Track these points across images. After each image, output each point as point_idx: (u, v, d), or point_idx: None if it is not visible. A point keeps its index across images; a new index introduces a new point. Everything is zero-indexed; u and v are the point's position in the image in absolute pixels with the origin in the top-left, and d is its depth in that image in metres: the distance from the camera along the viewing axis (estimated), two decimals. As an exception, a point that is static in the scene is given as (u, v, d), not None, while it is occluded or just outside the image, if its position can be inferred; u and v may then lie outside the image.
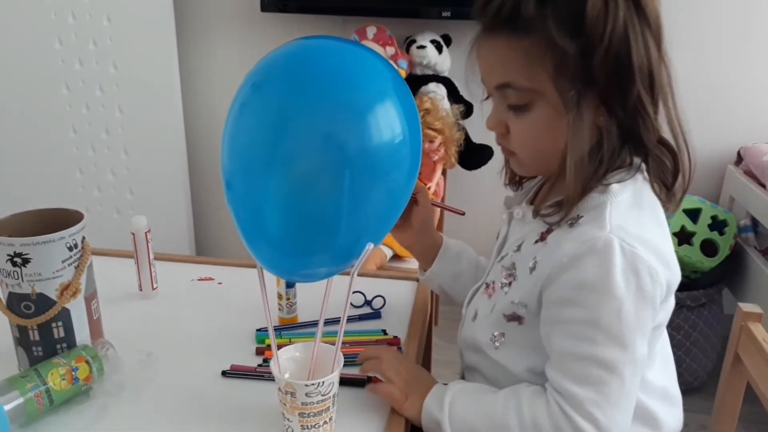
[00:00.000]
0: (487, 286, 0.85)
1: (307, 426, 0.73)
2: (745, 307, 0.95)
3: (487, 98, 0.80)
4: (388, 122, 0.70)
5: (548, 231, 0.76)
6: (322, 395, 0.73)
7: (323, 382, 0.72)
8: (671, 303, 0.76)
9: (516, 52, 0.71)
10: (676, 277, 0.73)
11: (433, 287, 1.05)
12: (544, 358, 0.75)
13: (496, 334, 0.81)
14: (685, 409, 0.85)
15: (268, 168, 0.69)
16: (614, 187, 0.72)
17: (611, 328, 0.68)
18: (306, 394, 0.72)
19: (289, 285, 1.00)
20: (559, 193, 0.74)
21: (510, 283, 0.79)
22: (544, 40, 0.68)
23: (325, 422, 0.74)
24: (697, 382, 1.93)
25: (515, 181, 0.91)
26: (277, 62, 0.72)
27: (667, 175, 0.75)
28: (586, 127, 0.69)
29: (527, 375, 0.78)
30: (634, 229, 0.69)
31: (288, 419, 0.74)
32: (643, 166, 0.75)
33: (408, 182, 0.75)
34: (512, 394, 0.76)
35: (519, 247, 0.81)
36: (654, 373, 0.80)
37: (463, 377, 0.93)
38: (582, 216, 0.72)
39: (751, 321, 0.93)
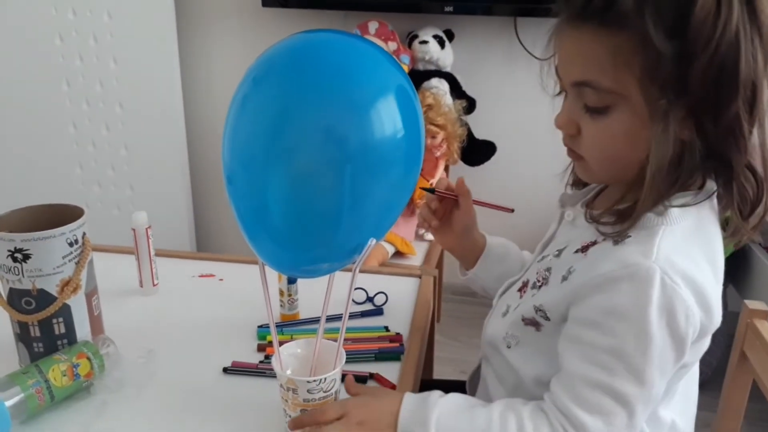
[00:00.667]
0: (524, 284, 0.81)
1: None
2: (751, 304, 0.94)
3: (560, 93, 0.74)
4: (390, 118, 0.69)
5: (593, 243, 0.71)
6: (324, 392, 0.72)
7: (325, 379, 0.72)
8: (705, 344, 0.71)
9: (603, 49, 0.63)
10: (713, 322, 0.67)
11: (475, 288, 0.99)
12: (554, 369, 0.71)
13: (510, 333, 0.78)
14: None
15: (269, 162, 0.68)
16: (674, 211, 0.66)
17: (634, 362, 0.64)
18: (308, 391, 0.71)
19: (291, 281, 0.99)
20: (623, 202, 0.68)
21: (540, 287, 0.75)
22: (638, 39, 0.61)
23: None
24: (701, 378, 1.92)
25: (580, 185, 0.84)
26: (278, 56, 0.71)
27: (746, 204, 0.67)
28: (672, 140, 0.63)
29: (533, 382, 0.75)
30: (682, 264, 0.63)
31: (290, 416, 0.74)
32: (714, 192, 0.68)
33: (409, 177, 0.74)
34: (510, 408, 0.70)
35: (560, 253, 0.76)
36: (669, 410, 0.76)
37: (479, 368, 0.91)
38: (630, 236, 0.66)
39: (757, 318, 0.93)
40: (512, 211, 0.94)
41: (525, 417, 0.69)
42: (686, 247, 0.65)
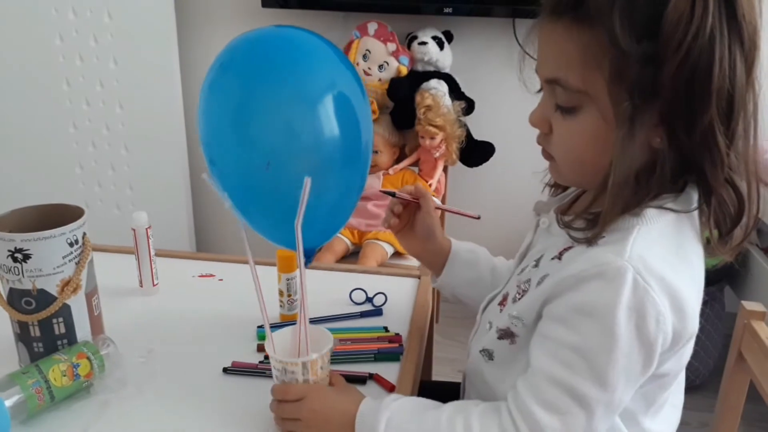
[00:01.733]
0: (504, 298, 0.79)
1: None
2: (749, 305, 0.94)
3: (540, 91, 0.71)
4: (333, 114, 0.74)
5: (567, 248, 0.69)
6: (318, 373, 0.72)
7: (288, 364, 0.73)
8: (687, 352, 0.68)
9: (573, 45, 0.61)
10: (688, 328, 0.64)
11: (446, 294, 0.99)
12: None
13: (485, 348, 0.76)
14: (687, 408, 0.84)
15: (237, 147, 0.76)
16: (650, 211, 0.64)
17: (598, 363, 0.61)
18: (292, 373, 0.72)
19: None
20: (594, 207, 0.66)
21: (519, 299, 0.73)
22: (607, 38, 0.58)
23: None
24: (699, 380, 1.93)
25: (558, 189, 0.82)
26: (242, 46, 0.78)
27: (726, 221, 0.65)
28: (637, 146, 0.60)
29: None
30: (657, 265, 0.61)
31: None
32: (697, 198, 0.66)
33: (350, 173, 0.80)
34: (459, 410, 0.69)
35: (537, 263, 0.74)
36: (657, 422, 0.73)
37: (464, 380, 0.91)
38: (604, 237, 0.64)
39: (754, 319, 0.93)
40: (478, 218, 0.93)
41: (474, 418, 0.67)
42: (662, 248, 0.63)
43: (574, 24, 0.61)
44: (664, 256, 0.62)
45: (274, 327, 0.99)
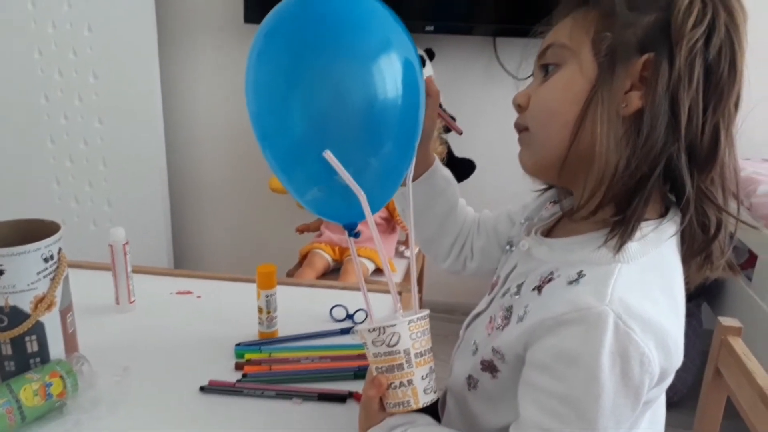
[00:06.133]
0: (490, 320, 0.76)
1: (387, 385, 0.70)
2: (725, 321, 0.95)
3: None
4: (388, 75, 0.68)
5: (548, 279, 0.67)
6: (388, 346, 0.69)
7: (383, 329, 0.68)
8: (669, 381, 0.67)
9: (569, 19, 0.67)
10: (674, 363, 0.64)
11: (399, 207, 0.96)
12: (512, 420, 0.67)
13: (471, 375, 0.75)
14: (666, 424, 0.85)
15: (292, 116, 0.69)
16: (632, 247, 0.63)
17: (586, 410, 0.60)
18: (372, 343, 0.69)
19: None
20: (578, 230, 0.67)
21: (503, 328, 0.71)
22: (601, 11, 0.64)
23: (403, 384, 0.70)
24: (677, 396, 1.94)
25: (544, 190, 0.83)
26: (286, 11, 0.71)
27: (708, 229, 0.65)
28: (615, 111, 0.62)
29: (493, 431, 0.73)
30: (638, 306, 0.60)
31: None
32: (679, 221, 0.66)
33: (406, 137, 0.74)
34: None
35: (519, 289, 0.72)
36: None
37: (445, 394, 0.90)
38: (585, 275, 0.63)
39: (730, 335, 0.94)
40: (461, 133, 0.96)
41: None
42: (644, 285, 0.62)
43: (578, 12, 0.66)
44: (646, 293, 0.62)
45: (250, 345, 0.98)
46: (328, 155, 0.66)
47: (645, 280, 0.63)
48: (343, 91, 0.67)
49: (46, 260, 0.81)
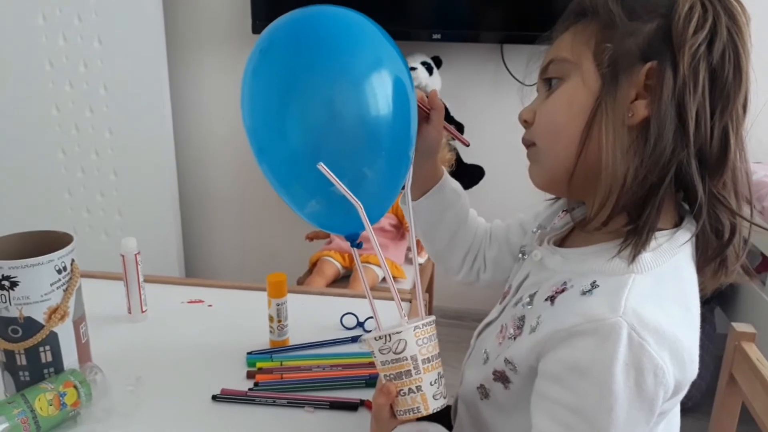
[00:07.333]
0: (502, 329, 0.76)
1: (396, 393, 0.70)
2: (738, 326, 0.94)
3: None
4: (379, 93, 0.70)
5: (561, 290, 0.67)
6: (395, 353, 0.69)
7: (390, 337, 0.68)
8: (684, 392, 0.66)
9: (568, 33, 0.67)
10: (688, 376, 0.63)
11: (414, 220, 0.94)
12: (530, 427, 0.66)
13: (482, 385, 0.75)
14: (681, 431, 0.84)
15: (286, 130, 0.71)
16: (646, 258, 0.62)
17: (599, 422, 0.60)
18: (380, 351, 0.69)
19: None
20: (591, 240, 0.66)
21: (515, 338, 0.71)
22: (602, 22, 0.64)
23: (412, 390, 0.69)
24: (691, 402, 1.92)
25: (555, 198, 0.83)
26: (281, 29, 0.73)
27: (722, 234, 0.64)
28: (620, 121, 0.61)
29: None
30: (652, 317, 0.59)
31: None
32: (693, 228, 0.65)
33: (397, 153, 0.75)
34: None
35: (531, 299, 0.72)
36: None
37: (456, 403, 0.90)
38: (599, 286, 0.62)
39: (744, 341, 0.93)
40: (468, 145, 0.96)
41: None
42: (658, 296, 0.62)
43: (578, 25, 0.67)
44: (661, 305, 0.61)
45: (261, 353, 0.98)
46: (322, 167, 0.67)
47: (659, 292, 0.62)
48: (335, 107, 0.68)
49: (59, 271, 0.82)
